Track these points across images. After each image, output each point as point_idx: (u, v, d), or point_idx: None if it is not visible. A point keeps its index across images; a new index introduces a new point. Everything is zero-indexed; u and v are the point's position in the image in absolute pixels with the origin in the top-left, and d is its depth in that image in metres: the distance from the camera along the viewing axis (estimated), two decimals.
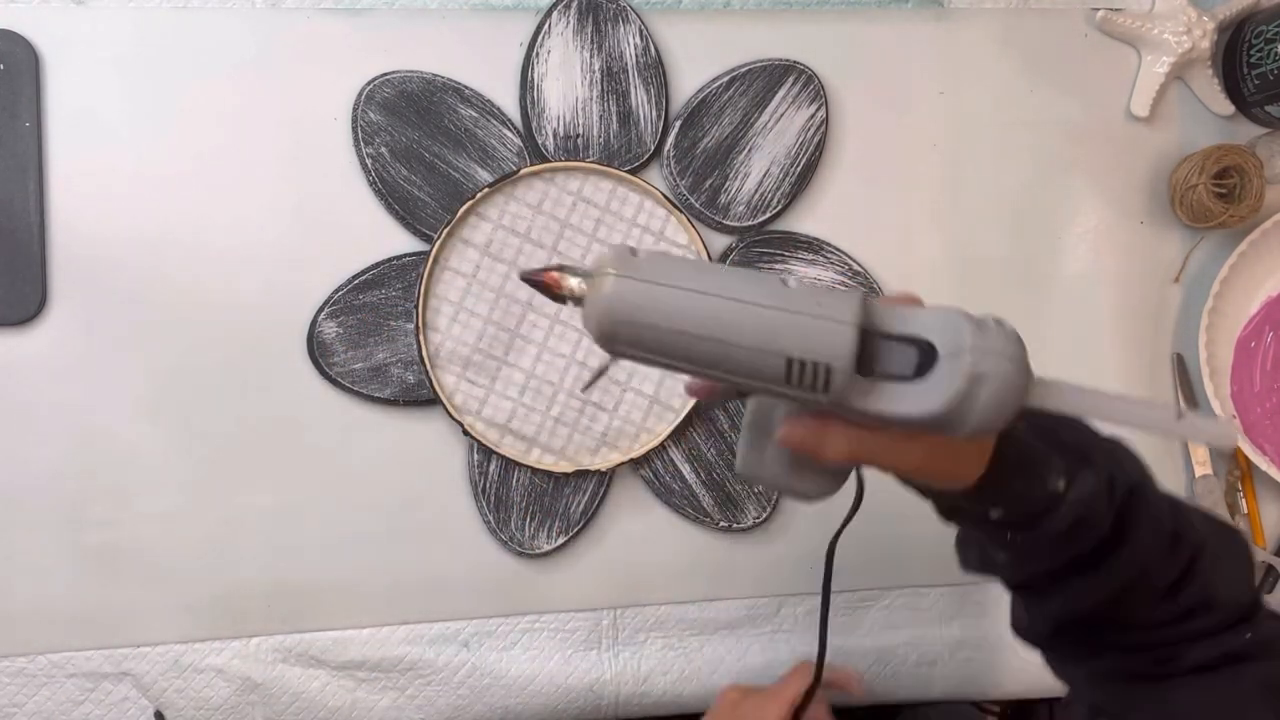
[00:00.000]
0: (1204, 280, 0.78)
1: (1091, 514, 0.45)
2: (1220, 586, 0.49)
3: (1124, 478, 0.47)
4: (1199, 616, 0.49)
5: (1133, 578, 0.47)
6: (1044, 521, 0.45)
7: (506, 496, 0.72)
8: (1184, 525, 0.49)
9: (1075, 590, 0.49)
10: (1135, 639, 0.50)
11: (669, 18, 0.73)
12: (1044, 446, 0.45)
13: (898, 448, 0.42)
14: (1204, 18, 0.77)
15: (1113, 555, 0.47)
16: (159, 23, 0.69)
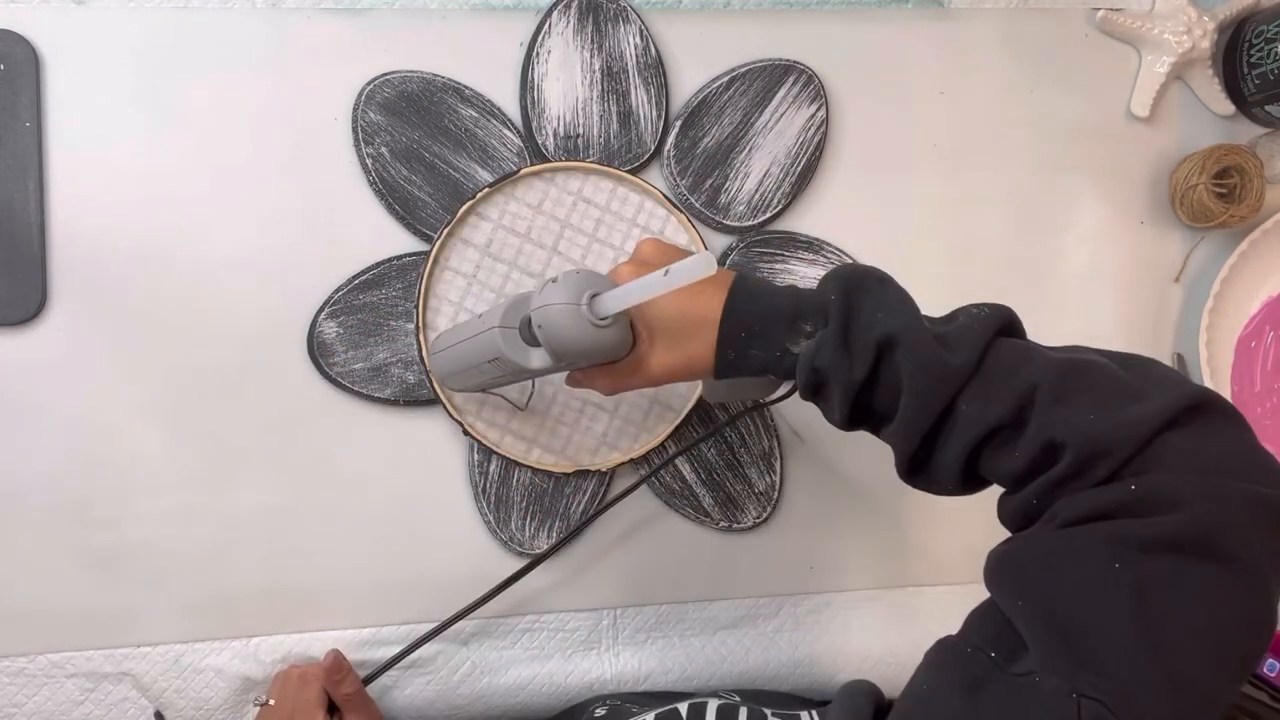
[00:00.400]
0: (1204, 280, 0.78)
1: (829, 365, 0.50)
2: (1062, 426, 0.45)
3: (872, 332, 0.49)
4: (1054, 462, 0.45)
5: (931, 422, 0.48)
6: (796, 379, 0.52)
7: (506, 496, 0.72)
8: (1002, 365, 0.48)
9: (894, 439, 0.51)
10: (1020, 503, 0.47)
11: (669, 18, 0.73)
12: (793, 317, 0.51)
13: (636, 374, 0.54)
14: (1204, 18, 0.77)
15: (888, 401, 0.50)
16: (159, 23, 0.69)
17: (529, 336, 0.54)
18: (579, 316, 0.50)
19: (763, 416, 0.74)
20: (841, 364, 0.49)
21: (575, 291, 0.50)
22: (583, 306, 0.50)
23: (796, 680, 0.76)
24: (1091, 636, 0.40)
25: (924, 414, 0.49)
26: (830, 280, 0.52)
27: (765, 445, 0.74)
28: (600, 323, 0.50)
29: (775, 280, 0.74)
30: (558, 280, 0.51)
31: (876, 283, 0.52)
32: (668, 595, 0.75)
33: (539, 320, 0.51)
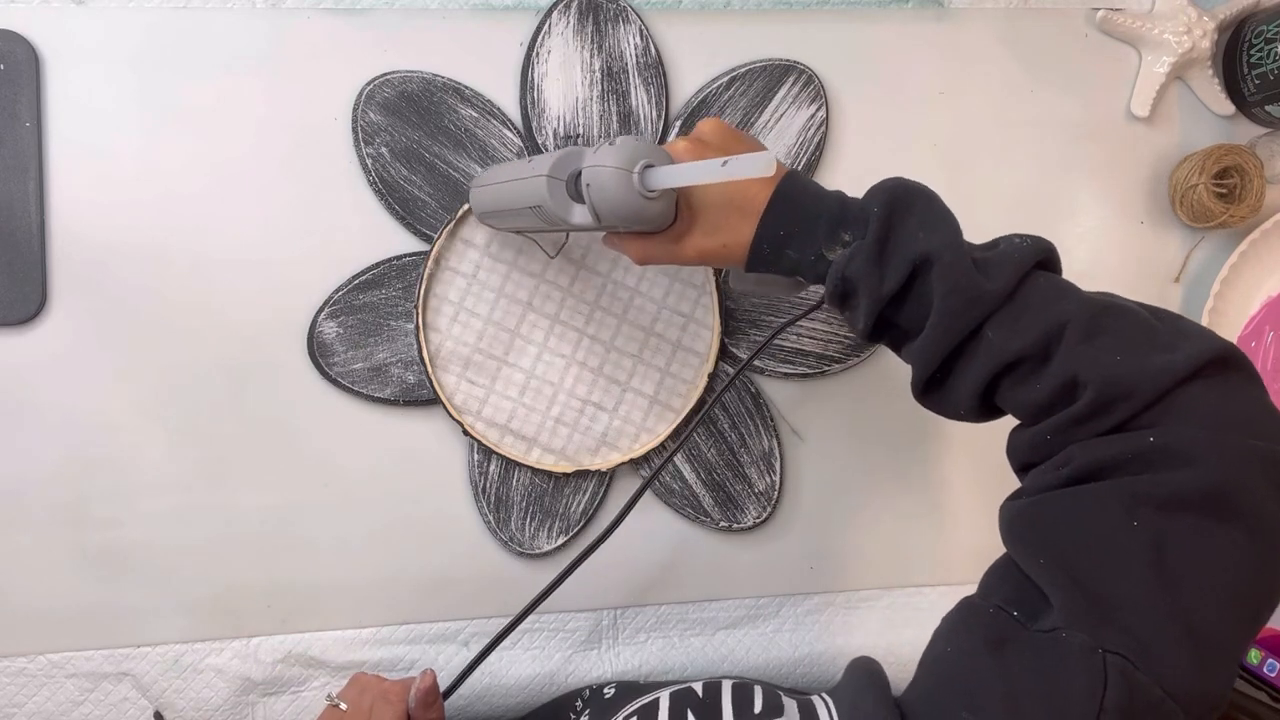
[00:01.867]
0: (1204, 280, 0.78)
1: (860, 275, 0.49)
2: (1087, 363, 0.45)
3: (912, 248, 0.49)
4: (1074, 400, 0.45)
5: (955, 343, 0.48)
6: (825, 285, 0.52)
7: (506, 496, 0.72)
8: (1036, 297, 0.48)
9: (915, 356, 0.51)
10: (1034, 438, 0.47)
11: (669, 18, 0.73)
12: (836, 224, 0.51)
13: (670, 249, 0.54)
14: (1204, 18, 0.77)
15: (915, 318, 0.50)
16: (159, 22, 0.69)
17: (574, 191, 0.54)
18: (628, 184, 0.50)
19: (763, 416, 0.74)
20: (873, 275, 0.49)
21: (629, 159, 0.50)
22: (634, 175, 0.50)
23: (797, 680, 0.76)
24: (1113, 593, 0.41)
25: (950, 335, 0.48)
26: (877, 192, 0.52)
27: (765, 445, 0.74)
28: (648, 194, 0.50)
29: None
30: (615, 144, 0.50)
31: (923, 200, 0.52)
32: (668, 595, 0.75)
33: (588, 179, 0.51)
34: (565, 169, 0.54)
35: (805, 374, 0.74)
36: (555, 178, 0.54)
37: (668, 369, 0.73)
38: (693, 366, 0.73)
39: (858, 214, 0.51)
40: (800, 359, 0.74)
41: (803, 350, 0.74)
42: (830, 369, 0.74)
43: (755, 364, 0.74)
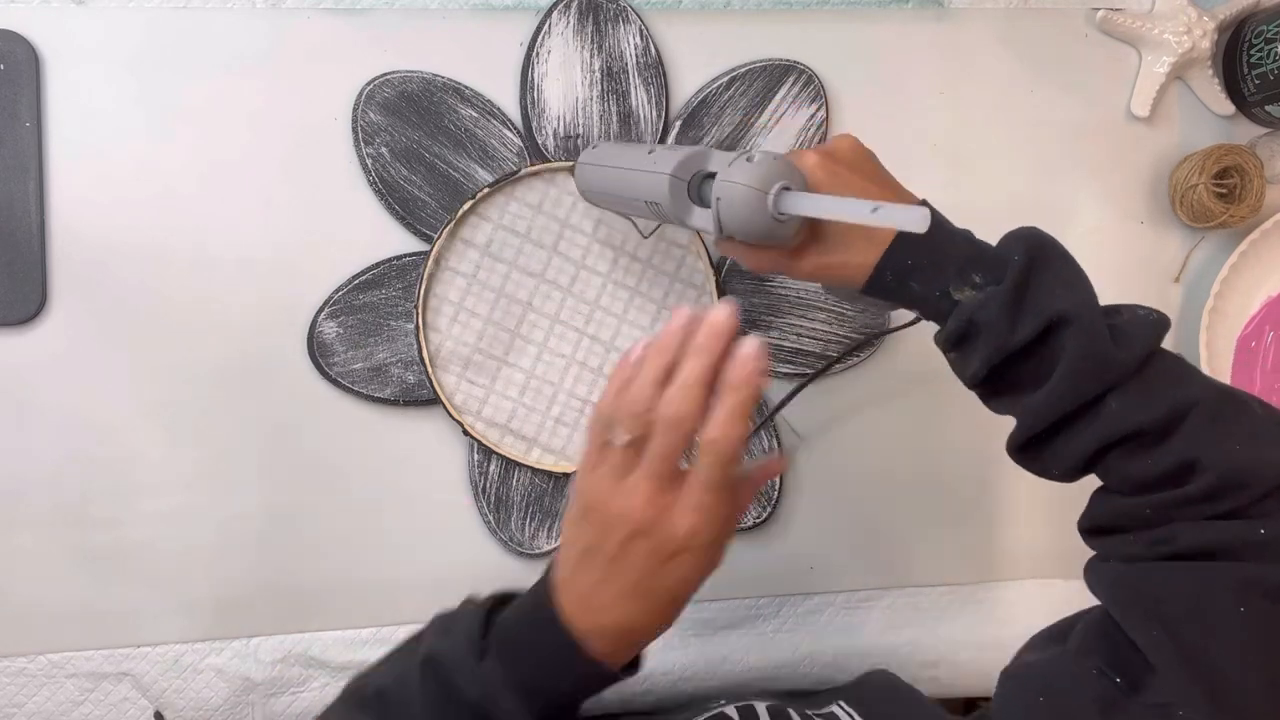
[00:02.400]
0: (1204, 280, 0.78)
1: (989, 322, 0.49)
2: (1209, 448, 0.45)
3: (1050, 304, 0.49)
4: (1189, 481, 0.46)
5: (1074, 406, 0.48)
6: (947, 324, 0.51)
7: (506, 496, 0.72)
8: (1164, 373, 0.49)
9: (1026, 411, 0.50)
10: (1131, 508, 0.48)
11: (669, 18, 0.73)
12: (965, 263, 0.51)
13: (787, 262, 0.53)
14: (1204, 18, 0.77)
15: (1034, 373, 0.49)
16: (159, 22, 0.69)
17: (695, 194, 0.54)
18: (761, 204, 0.48)
19: (763, 416, 0.74)
20: (1003, 324, 0.49)
21: (767, 179, 0.49)
22: (770, 196, 0.48)
23: (797, 681, 0.76)
24: (1226, 678, 0.42)
25: (1072, 397, 0.48)
26: (1015, 240, 0.51)
27: (765, 445, 0.74)
28: (780, 216, 0.49)
29: (774, 280, 0.74)
30: (753, 160, 0.49)
31: (1061, 255, 0.51)
32: None
33: (720, 192, 0.50)
34: (689, 170, 0.54)
35: (805, 374, 0.74)
36: (678, 178, 0.53)
37: None
38: None
39: (993, 259, 0.51)
40: (800, 359, 0.74)
41: (803, 350, 0.74)
42: (830, 369, 0.74)
43: None
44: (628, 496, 0.44)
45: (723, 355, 0.44)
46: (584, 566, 0.45)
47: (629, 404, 0.44)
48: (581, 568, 0.46)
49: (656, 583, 0.45)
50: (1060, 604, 0.77)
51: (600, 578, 0.45)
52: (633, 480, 0.44)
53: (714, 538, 0.44)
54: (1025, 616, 0.78)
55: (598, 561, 0.45)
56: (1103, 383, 0.48)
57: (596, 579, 0.45)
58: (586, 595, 0.45)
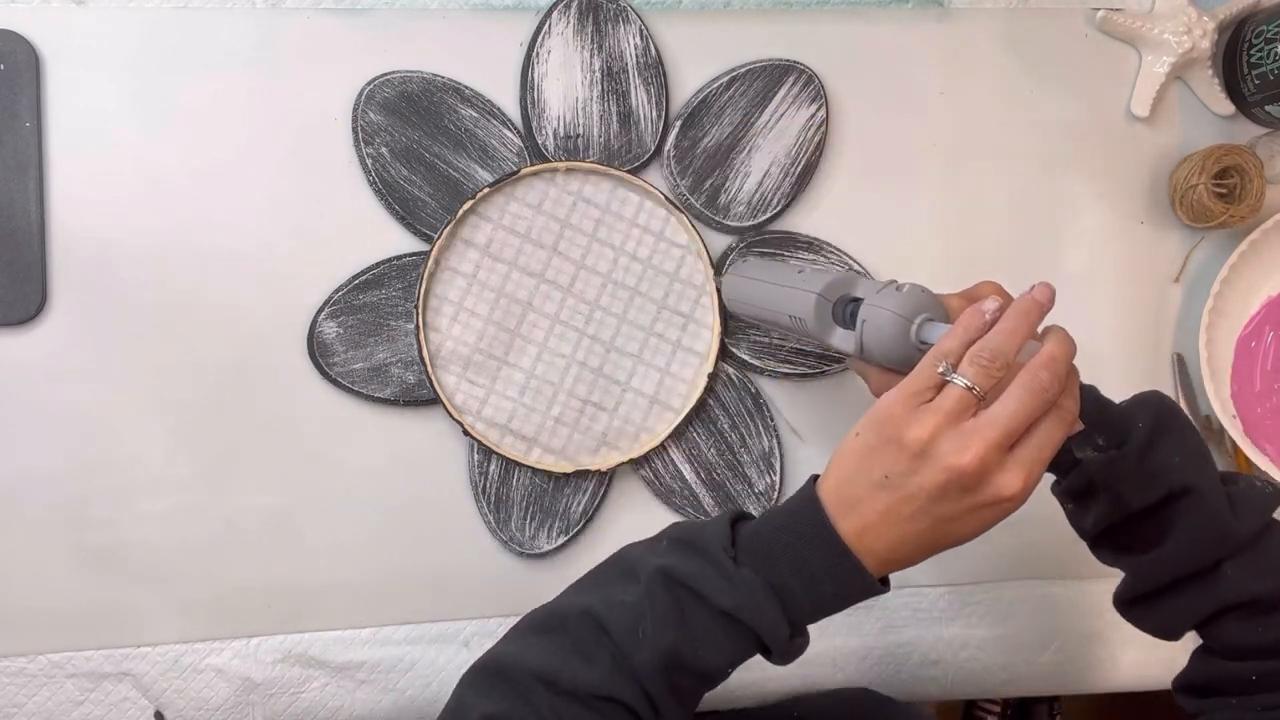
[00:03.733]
0: (1204, 280, 0.78)
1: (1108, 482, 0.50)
2: None
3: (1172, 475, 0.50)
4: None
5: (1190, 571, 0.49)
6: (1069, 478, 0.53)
7: (506, 496, 0.72)
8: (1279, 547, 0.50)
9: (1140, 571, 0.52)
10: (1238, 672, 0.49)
11: (669, 18, 0.73)
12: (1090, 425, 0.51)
13: None
14: (1204, 18, 0.77)
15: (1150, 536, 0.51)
16: (159, 22, 0.69)
17: (840, 315, 0.57)
18: (905, 333, 0.51)
19: (763, 416, 0.74)
20: (1126, 488, 0.50)
21: (913, 309, 0.51)
22: (914, 325, 0.51)
23: (796, 681, 0.76)
24: None
25: (1188, 563, 0.50)
26: (1139, 406, 0.53)
27: (765, 445, 0.74)
28: (921, 346, 0.50)
29: None
30: (902, 290, 0.52)
31: (1182, 424, 0.53)
32: None
33: (865, 315, 0.52)
34: (836, 292, 0.57)
35: (805, 374, 0.74)
36: (825, 298, 0.56)
37: (668, 369, 0.73)
38: (693, 366, 0.73)
39: (1118, 421, 0.52)
40: (800, 359, 0.74)
41: (803, 350, 0.74)
42: (830, 369, 0.74)
43: (755, 364, 0.74)
44: (963, 442, 0.43)
45: None
46: (878, 494, 0.45)
47: (990, 353, 0.44)
48: (874, 494, 0.45)
49: (953, 529, 0.45)
50: (1059, 604, 0.78)
51: (895, 510, 0.45)
52: (971, 426, 0.43)
53: (1025, 498, 0.44)
54: (1025, 616, 0.78)
55: (897, 494, 0.44)
56: (1219, 553, 0.50)
57: (887, 509, 0.45)
58: (872, 522, 0.45)
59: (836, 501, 0.46)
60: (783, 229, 0.74)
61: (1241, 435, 0.76)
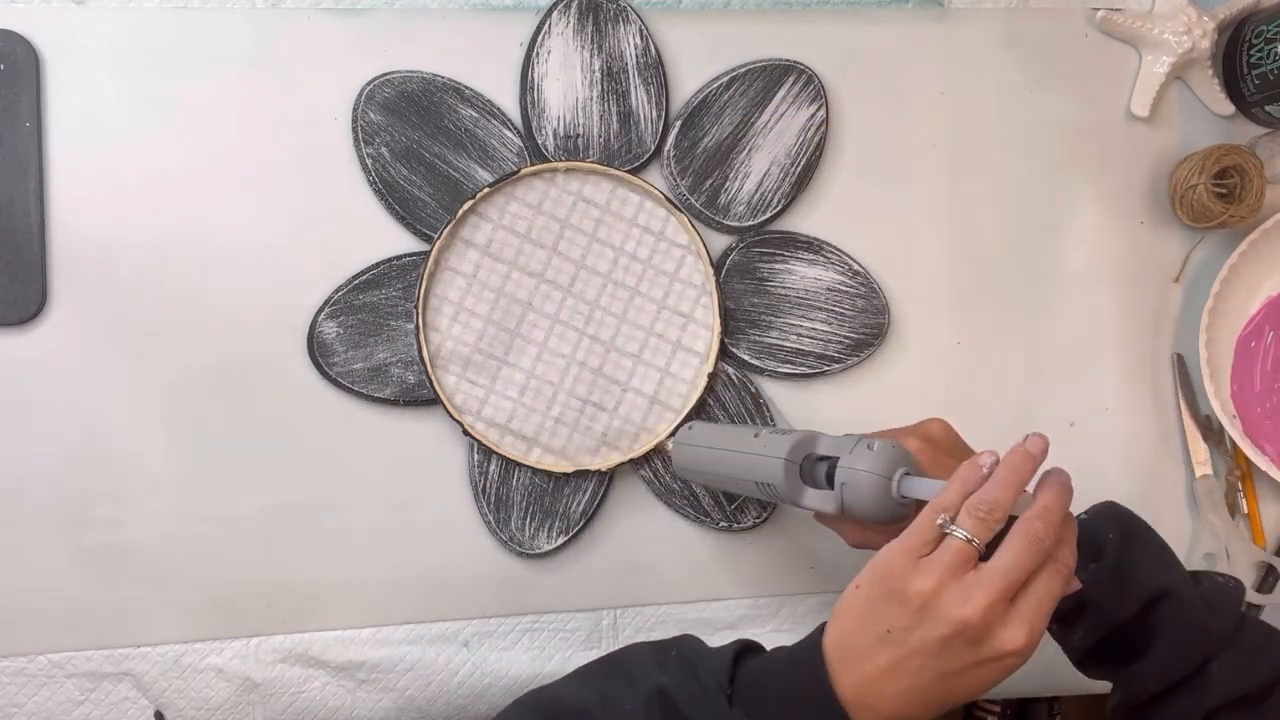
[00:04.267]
0: (1204, 280, 0.78)
1: (1097, 600, 0.52)
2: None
3: (1149, 581, 0.52)
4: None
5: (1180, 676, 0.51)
6: None
7: (506, 496, 0.72)
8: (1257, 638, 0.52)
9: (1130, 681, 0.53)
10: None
11: (669, 18, 0.73)
12: None
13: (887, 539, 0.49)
14: (1204, 18, 0.77)
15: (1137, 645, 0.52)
16: (159, 22, 0.69)
17: (807, 475, 0.57)
18: (885, 491, 0.51)
19: (763, 416, 0.74)
20: (1110, 602, 0.52)
21: (890, 466, 0.52)
22: (893, 483, 0.51)
23: None
24: None
25: (1175, 668, 0.51)
26: (1105, 519, 0.55)
27: None
28: (902, 501, 0.51)
29: (774, 280, 0.74)
30: (873, 448, 0.52)
31: (1146, 530, 0.55)
32: (668, 595, 0.75)
33: (845, 479, 0.53)
34: (800, 454, 0.57)
35: (805, 374, 0.74)
36: (792, 461, 0.56)
37: (668, 369, 0.73)
38: (693, 366, 0.73)
39: (1088, 536, 0.53)
40: (800, 359, 0.74)
41: (803, 350, 0.74)
42: (830, 369, 0.74)
43: (755, 364, 0.74)
44: (965, 596, 0.43)
45: None
46: (880, 649, 0.45)
47: (987, 505, 0.45)
48: (877, 649, 0.45)
49: (956, 684, 0.45)
50: None
51: (898, 665, 0.45)
52: (973, 579, 0.44)
53: (1030, 654, 0.45)
54: None
55: (900, 650, 0.45)
56: (1205, 652, 0.51)
57: (890, 665, 0.45)
58: (874, 678, 0.45)
59: (839, 655, 0.46)
60: (783, 229, 0.74)
61: (1241, 435, 0.76)
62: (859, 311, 0.75)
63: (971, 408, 0.77)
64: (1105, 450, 0.78)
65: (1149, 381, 0.79)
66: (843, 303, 0.74)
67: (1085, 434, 0.78)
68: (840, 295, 0.74)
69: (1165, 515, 0.78)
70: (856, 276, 0.75)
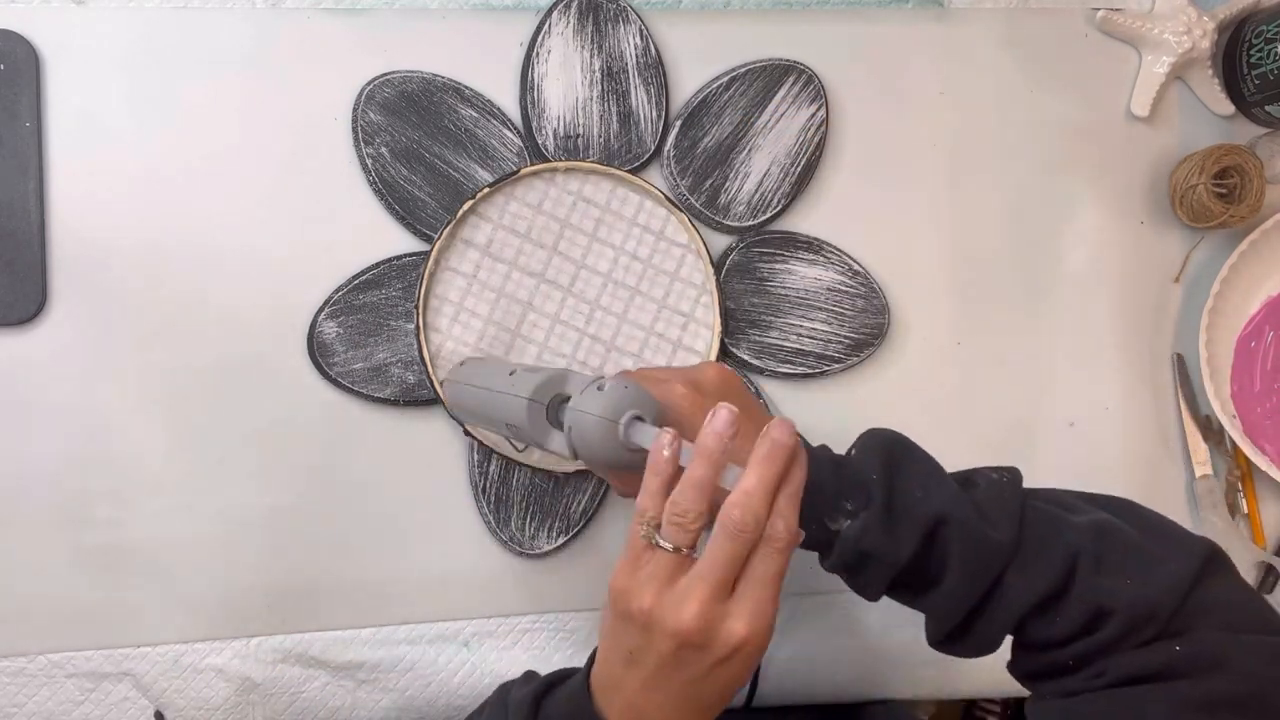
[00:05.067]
0: (1204, 280, 0.78)
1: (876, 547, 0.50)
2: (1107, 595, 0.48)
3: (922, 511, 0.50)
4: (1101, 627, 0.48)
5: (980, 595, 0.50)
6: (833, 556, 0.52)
7: (506, 496, 0.72)
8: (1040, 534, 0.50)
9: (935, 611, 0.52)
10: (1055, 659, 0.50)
11: (669, 18, 0.73)
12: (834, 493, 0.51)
13: None
14: (1204, 18, 0.77)
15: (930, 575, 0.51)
16: (159, 22, 0.69)
17: (554, 418, 0.53)
18: (612, 435, 0.48)
19: None
20: (888, 545, 0.50)
21: (616, 409, 0.48)
22: (620, 426, 0.48)
23: (796, 682, 0.76)
24: None
25: (974, 589, 0.50)
26: (866, 453, 0.52)
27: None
28: (632, 446, 0.48)
29: (774, 280, 0.74)
30: (604, 389, 0.49)
31: (910, 452, 0.53)
32: None
33: (570, 420, 0.50)
34: (547, 393, 0.53)
35: (805, 374, 0.74)
36: (537, 401, 0.52)
37: None
38: None
39: (854, 480, 0.51)
40: (800, 359, 0.74)
41: (803, 350, 0.74)
42: (830, 369, 0.74)
43: (755, 364, 0.74)
44: (678, 605, 0.43)
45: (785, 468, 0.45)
46: (629, 672, 0.45)
47: (682, 510, 0.44)
48: (627, 673, 0.45)
49: (707, 688, 0.44)
50: None
51: (647, 684, 0.45)
52: (684, 586, 0.43)
53: (767, 638, 0.44)
54: None
55: (645, 669, 0.44)
56: (996, 567, 0.50)
57: (642, 685, 0.45)
58: (634, 702, 0.45)
59: (601, 685, 0.47)
60: (783, 229, 0.74)
61: (1241, 435, 0.76)
62: (859, 311, 0.75)
63: (971, 408, 0.77)
64: (1105, 450, 0.78)
65: (1149, 381, 0.79)
66: (843, 303, 0.74)
67: (1085, 434, 0.78)
68: (840, 295, 0.74)
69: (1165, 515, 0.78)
70: (856, 276, 0.75)
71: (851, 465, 0.52)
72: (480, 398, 0.59)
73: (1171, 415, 0.79)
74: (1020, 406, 0.78)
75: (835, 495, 0.51)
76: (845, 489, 0.51)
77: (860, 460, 0.52)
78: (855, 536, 0.50)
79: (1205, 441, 0.78)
